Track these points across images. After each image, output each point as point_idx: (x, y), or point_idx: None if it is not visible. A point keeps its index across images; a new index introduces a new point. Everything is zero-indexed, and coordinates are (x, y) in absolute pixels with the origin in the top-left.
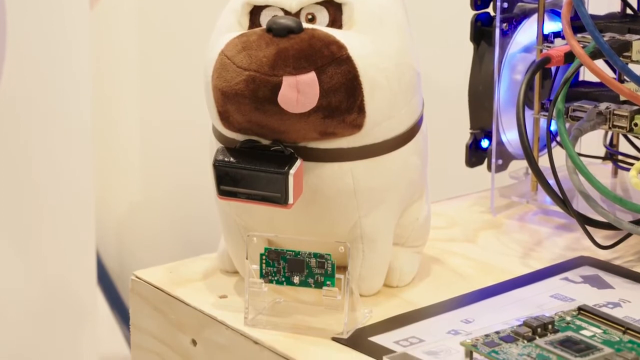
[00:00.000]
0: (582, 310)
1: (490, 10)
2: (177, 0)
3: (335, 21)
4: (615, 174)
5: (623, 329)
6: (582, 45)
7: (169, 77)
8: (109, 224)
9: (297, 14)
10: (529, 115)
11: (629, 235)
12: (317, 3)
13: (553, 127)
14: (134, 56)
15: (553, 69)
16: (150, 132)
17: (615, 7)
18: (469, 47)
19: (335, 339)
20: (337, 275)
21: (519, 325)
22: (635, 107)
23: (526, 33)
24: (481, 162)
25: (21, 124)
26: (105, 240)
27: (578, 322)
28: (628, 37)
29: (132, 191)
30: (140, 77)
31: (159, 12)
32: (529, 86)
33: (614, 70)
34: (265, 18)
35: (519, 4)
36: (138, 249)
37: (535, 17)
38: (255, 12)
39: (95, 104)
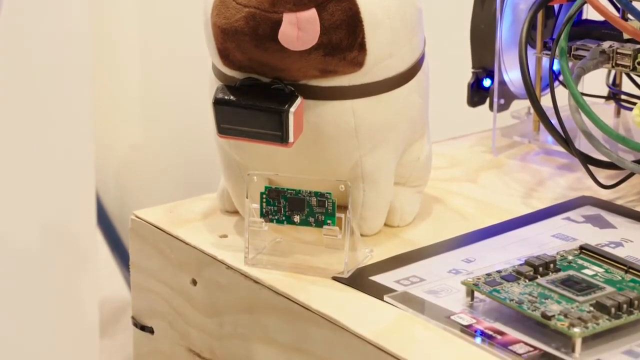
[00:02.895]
0: (583, 249)
1: None
2: None
3: None
4: (618, 113)
5: (625, 268)
6: None
7: (168, 16)
8: (108, 166)
9: None
10: (532, 54)
11: (631, 174)
12: None
13: (556, 66)
14: None
15: (556, 7)
16: (149, 73)
17: None
18: None
19: (335, 279)
20: (337, 215)
21: (521, 265)
22: (639, 46)
23: None
24: (483, 102)
25: (20, 66)
26: (104, 182)
27: (580, 262)
28: None
29: (131, 132)
30: (140, 18)
31: None
32: (532, 25)
33: (618, 8)
34: None
35: None
36: (138, 190)
37: None
38: None
39: (95, 46)
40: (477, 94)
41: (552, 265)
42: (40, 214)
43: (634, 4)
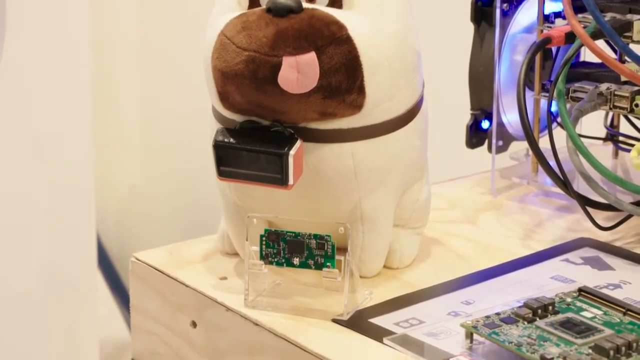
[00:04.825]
0: (582, 291)
1: None
2: None
3: (336, 1)
4: (616, 155)
5: (623, 310)
6: (583, 25)
7: (169, 60)
8: (109, 207)
9: None
10: (530, 96)
11: (629, 216)
12: None
13: (554, 108)
14: (134, 37)
15: (554, 49)
16: (150, 114)
17: None
18: (470, 28)
19: (335, 321)
20: (337, 257)
21: (520, 307)
22: (636, 88)
23: (527, 13)
24: (482, 143)
25: (21, 107)
26: (105, 223)
27: (578, 304)
28: (629, 17)
29: (132, 173)
30: (140, 60)
31: None
32: (530, 67)
33: (615, 51)
34: None
35: None
36: (138, 231)
37: None
38: None
39: (96, 87)
40: (475, 135)
41: (550, 308)
42: (41, 255)
43: (631, 46)
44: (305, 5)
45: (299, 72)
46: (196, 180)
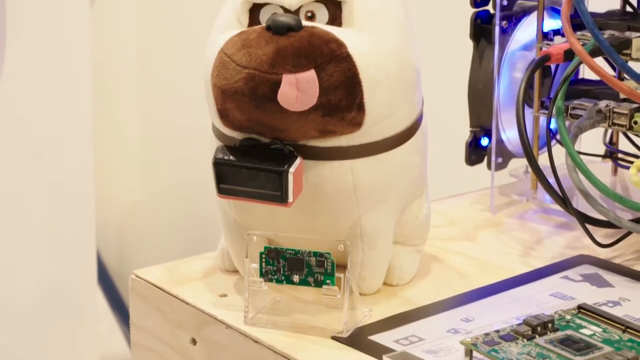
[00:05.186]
0: (582, 308)
1: (490, 7)
2: None
3: (335, 19)
4: (615, 172)
5: (623, 327)
6: (581, 42)
7: (168, 76)
8: (109, 223)
9: (297, 12)
10: (529, 113)
11: (628, 233)
12: (317, 1)
13: (553, 125)
14: (133, 54)
15: (553, 66)
16: (150, 130)
17: (615, 4)
18: (469, 45)
19: (335, 338)
20: (336, 274)
21: (519, 324)
22: (635, 105)
23: (526, 31)
24: (481, 160)
25: (21, 123)
26: (105, 239)
27: (578, 321)
28: (628, 34)
29: (132, 190)
30: (140, 76)
31: (159, 9)
32: (529, 84)
33: (614, 68)
34: (264, 16)
35: (519, 1)
36: (138, 247)
37: (534, 14)
38: (254, 10)
39: (96, 102)
40: (475, 152)
41: (550, 325)
42: (41, 271)
43: (630, 64)
44: (304, 23)
45: (298, 90)
46: (196, 196)
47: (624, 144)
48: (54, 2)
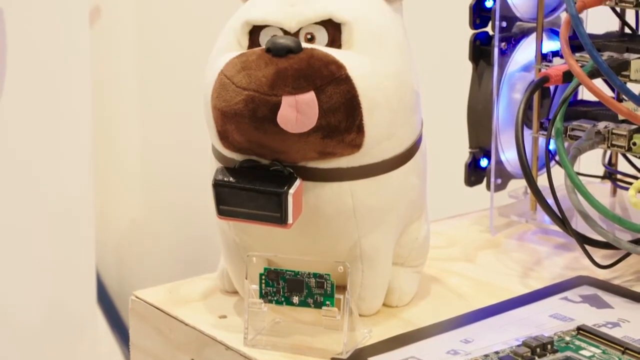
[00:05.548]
0: (581, 330)
1: (489, 29)
2: (176, 19)
3: (335, 41)
4: (614, 193)
5: (622, 349)
6: (580, 64)
7: (169, 97)
8: (109, 243)
9: (297, 34)
10: (528, 134)
11: (628, 254)
12: (317, 23)
13: (552, 146)
14: (133, 74)
15: (552, 88)
16: (150, 151)
17: (614, 26)
18: (468, 66)
19: (334, 359)
20: (336, 295)
21: (518, 346)
22: (634, 126)
23: (525, 52)
24: (480, 181)
25: (21, 141)
26: (105, 259)
27: (577, 342)
28: (626, 56)
29: (132, 210)
30: (140, 96)
31: (158, 30)
32: (528, 105)
33: (613, 89)
34: (264, 38)
35: (518, 23)
36: (138, 268)
37: (533, 36)
38: (254, 32)
39: (96, 122)
40: (474, 173)
41: (549, 346)
42: (41, 291)
43: (629, 85)
44: (304, 45)
45: (298, 112)
46: (196, 217)
47: (622, 165)
48: (54, 23)
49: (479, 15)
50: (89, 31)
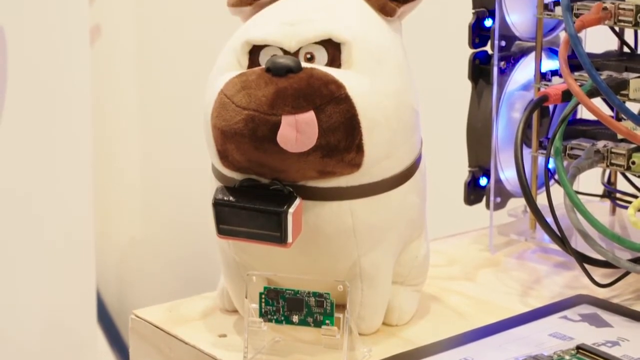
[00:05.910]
0: (580, 349)
1: (488, 48)
2: (176, 38)
3: (334, 60)
4: (613, 211)
5: None
6: (579, 83)
7: (169, 116)
8: (109, 262)
9: (296, 54)
10: (527, 153)
11: (627, 273)
12: (316, 42)
13: (551, 165)
14: (134, 93)
15: (551, 107)
16: (150, 170)
17: (613, 45)
18: (467, 85)
19: None
20: (336, 314)
21: None
22: (633, 145)
23: (524, 71)
24: (480, 200)
25: (22, 159)
26: (105, 278)
27: None
28: (625, 75)
29: (132, 229)
30: (140, 114)
31: (158, 48)
32: (527, 124)
33: (612, 109)
34: (264, 57)
35: (517, 42)
36: (138, 286)
37: (532, 55)
38: (254, 52)
39: (96, 140)
40: (473, 192)
41: None
42: (41, 310)
43: (628, 104)
44: (304, 64)
45: (298, 131)
46: (196, 235)
47: (622, 184)
48: (55, 41)
49: (478, 34)
50: (89, 50)
